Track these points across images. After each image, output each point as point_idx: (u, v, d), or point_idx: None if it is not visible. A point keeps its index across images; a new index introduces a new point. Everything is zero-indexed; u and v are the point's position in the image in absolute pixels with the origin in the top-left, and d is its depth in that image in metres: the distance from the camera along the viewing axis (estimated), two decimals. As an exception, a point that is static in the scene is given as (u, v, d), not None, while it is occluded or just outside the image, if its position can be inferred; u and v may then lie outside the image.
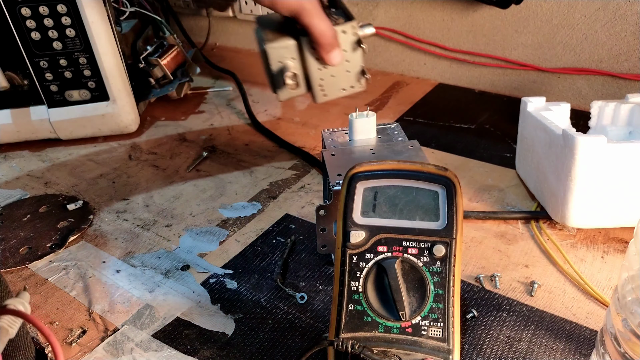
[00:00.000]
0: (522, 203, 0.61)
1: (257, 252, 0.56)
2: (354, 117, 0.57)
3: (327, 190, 0.55)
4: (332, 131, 0.60)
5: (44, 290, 0.53)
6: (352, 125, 0.57)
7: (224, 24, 1.19)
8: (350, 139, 0.57)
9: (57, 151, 0.80)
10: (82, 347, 0.46)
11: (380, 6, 0.94)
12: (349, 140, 0.57)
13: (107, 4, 0.74)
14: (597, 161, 0.50)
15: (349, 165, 0.38)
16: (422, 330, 0.36)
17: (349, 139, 0.57)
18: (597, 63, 0.78)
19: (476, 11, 0.85)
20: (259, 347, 0.45)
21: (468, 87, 0.92)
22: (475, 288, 0.50)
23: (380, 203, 0.36)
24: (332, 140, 0.58)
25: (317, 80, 0.66)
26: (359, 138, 0.56)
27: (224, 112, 0.89)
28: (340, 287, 0.37)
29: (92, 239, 0.60)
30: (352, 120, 0.57)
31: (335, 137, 0.58)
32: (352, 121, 0.57)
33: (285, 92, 0.66)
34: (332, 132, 0.60)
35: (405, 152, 0.55)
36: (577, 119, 0.65)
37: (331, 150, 0.55)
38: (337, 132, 0.60)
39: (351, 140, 0.57)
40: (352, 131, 0.57)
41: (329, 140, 0.57)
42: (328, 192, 0.53)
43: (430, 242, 0.36)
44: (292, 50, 0.64)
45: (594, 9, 0.75)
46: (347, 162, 0.53)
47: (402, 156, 0.55)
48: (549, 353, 0.43)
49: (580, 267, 0.51)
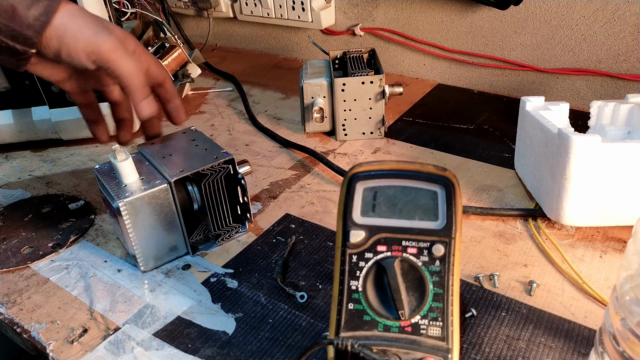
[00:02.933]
0: (520, 203, 0.61)
1: (257, 252, 0.57)
2: (116, 160, 0.51)
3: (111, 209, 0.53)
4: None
5: (45, 289, 0.53)
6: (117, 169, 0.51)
7: (224, 25, 1.19)
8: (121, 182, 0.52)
9: (58, 151, 0.80)
10: (84, 346, 0.47)
11: (379, 7, 0.95)
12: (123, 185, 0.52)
13: (108, 4, 0.75)
14: (591, 160, 0.50)
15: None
16: (422, 329, 0.36)
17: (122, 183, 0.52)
18: (596, 63, 0.79)
19: (475, 12, 0.86)
20: (260, 346, 0.45)
21: (467, 88, 0.92)
22: (474, 287, 0.50)
23: (380, 203, 0.37)
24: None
25: (341, 120, 0.72)
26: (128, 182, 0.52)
27: (224, 112, 0.90)
28: (340, 286, 0.37)
29: (93, 239, 0.60)
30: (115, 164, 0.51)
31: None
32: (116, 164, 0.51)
33: (311, 125, 0.70)
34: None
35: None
36: (576, 119, 0.65)
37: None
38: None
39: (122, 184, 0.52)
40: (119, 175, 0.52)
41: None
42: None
43: (430, 241, 0.36)
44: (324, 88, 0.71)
45: (592, 10, 0.76)
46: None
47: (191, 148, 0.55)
48: (548, 352, 0.43)
49: (578, 266, 0.51)
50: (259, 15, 1.06)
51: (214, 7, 1.11)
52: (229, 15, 1.12)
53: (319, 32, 1.04)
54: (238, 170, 0.55)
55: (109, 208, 0.54)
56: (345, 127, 0.76)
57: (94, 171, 0.55)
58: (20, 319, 0.50)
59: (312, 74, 0.76)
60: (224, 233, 0.57)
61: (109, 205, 0.53)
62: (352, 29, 0.99)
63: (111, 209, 0.53)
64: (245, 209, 0.58)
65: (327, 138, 0.78)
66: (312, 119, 0.75)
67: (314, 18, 0.98)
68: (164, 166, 0.53)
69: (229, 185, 0.56)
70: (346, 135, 0.77)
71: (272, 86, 0.99)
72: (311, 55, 1.10)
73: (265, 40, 1.15)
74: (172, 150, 0.56)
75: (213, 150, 0.56)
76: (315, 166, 0.72)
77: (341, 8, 0.99)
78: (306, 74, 0.76)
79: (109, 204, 0.53)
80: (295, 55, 1.13)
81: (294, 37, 1.10)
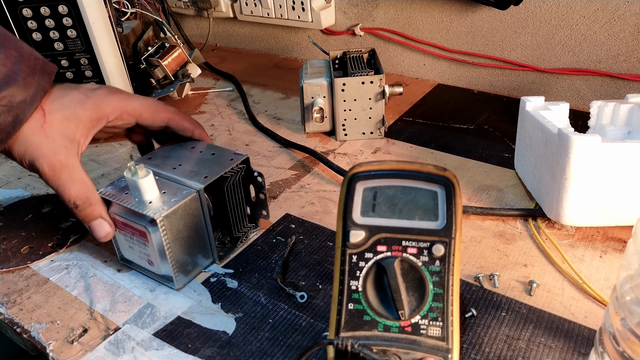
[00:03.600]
0: (520, 203, 0.61)
1: (257, 252, 0.57)
2: (130, 176, 0.48)
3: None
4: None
5: (45, 289, 0.53)
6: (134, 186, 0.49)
7: (224, 25, 1.19)
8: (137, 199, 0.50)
9: (58, 151, 0.80)
10: (84, 346, 0.47)
11: (379, 7, 0.95)
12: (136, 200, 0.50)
13: (109, 4, 0.75)
14: (591, 160, 0.50)
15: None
16: (422, 329, 0.36)
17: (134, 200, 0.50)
18: (596, 63, 0.79)
19: (475, 12, 0.86)
20: (260, 346, 0.45)
21: (467, 88, 0.92)
22: (474, 287, 0.50)
23: (380, 203, 0.37)
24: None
25: (341, 120, 0.72)
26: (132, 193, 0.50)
27: (224, 112, 0.90)
28: (340, 286, 0.37)
29: (93, 239, 0.60)
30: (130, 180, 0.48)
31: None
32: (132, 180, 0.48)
33: (311, 125, 0.71)
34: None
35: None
36: (577, 119, 0.65)
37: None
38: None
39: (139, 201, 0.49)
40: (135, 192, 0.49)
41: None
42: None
43: (430, 241, 0.36)
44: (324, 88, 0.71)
45: (592, 10, 0.76)
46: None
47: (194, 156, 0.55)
48: (548, 352, 0.43)
49: (578, 266, 0.51)
50: (259, 15, 1.06)
51: (214, 7, 1.11)
52: (229, 15, 1.12)
53: (319, 32, 1.04)
54: (252, 168, 0.55)
55: (126, 230, 0.51)
56: (345, 127, 0.76)
57: (100, 195, 0.51)
58: (20, 319, 0.50)
59: (312, 74, 0.76)
60: (242, 235, 0.57)
61: (128, 227, 0.50)
62: (352, 29, 0.99)
63: (133, 231, 0.50)
64: (261, 206, 0.57)
65: (327, 138, 0.78)
66: (312, 119, 0.75)
67: (314, 18, 0.98)
68: (181, 177, 0.52)
69: (245, 185, 0.55)
70: (346, 135, 0.77)
71: (272, 86, 0.99)
72: (311, 55, 1.10)
73: (265, 40, 1.15)
74: (179, 161, 0.54)
75: (223, 153, 0.55)
76: (315, 166, 0.72)
77: (341, 8, 0.99)
78: (306, 74, 0.76)
79: (128, 226, 0.50)
80: (295, 55, 1.13)
81: (294, 37, 1.10)
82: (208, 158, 0.55)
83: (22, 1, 0.71)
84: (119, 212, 0.51)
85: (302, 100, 0.75)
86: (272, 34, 1.13)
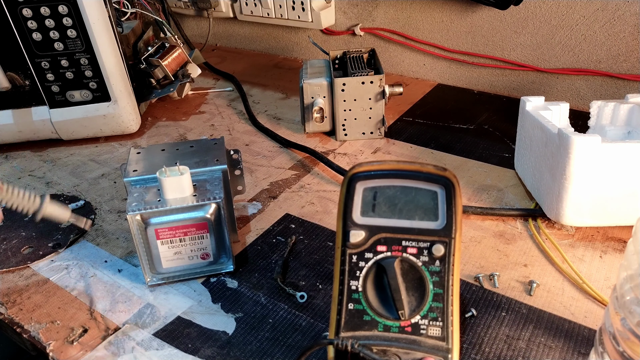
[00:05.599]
0: (520, 203, 0.61)
1: (257, 252, 0.57)
2: (164, 176, 0.49)
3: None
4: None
5: (45, 289, 0.53)
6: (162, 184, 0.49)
7: (224, 25, 1.19)
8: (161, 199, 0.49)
9: (58, 151, 0.80)
10: (84, 346, 0.47)
11: (379, 7, 0.95)
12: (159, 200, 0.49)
13: (109, 4, 0.75)
14: (591, 160, 0.50)
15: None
16: (422, 329, 0.36)
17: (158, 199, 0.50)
18: (596, 63, 0.79)
19: (475, 12, 0.86)
20: (260, 346, 0.45)
21: (467, 88, 0.92)
22: (474, 287, 0.50)
23: (380, 203, 0.37)
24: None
25: (341, 120, 0.72)
26: (171, 197, 0.49)
27: (224, 112, 0.90)
28: (340, 286, 0.37)
29: (93, 239, 0.60)
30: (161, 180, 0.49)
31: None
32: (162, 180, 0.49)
33: (311, 125, 0.70)
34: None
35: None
36: (577, 119, 0.65)
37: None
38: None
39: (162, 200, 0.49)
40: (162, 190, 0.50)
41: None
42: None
43: (430, 241, 0.36)
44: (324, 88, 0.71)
45: (592, 10, 0.76)
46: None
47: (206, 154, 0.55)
48: (548, 352, 0.43)
49: (578, 266, 0.51)
50: (259, 15, 1.06)
51: (214, 7, 1.11)
52: (229, 15, 1.12)
53: (319, 32, 1.04)
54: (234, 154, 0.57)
55: (175, 235, 0.49)
56: (345, 127, 0.76)
57: (140, 214, 0.48)
58: (20, 319, 0.50)
59: (312, 74, 0.76)
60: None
61: (179, 229, 0.49)
62: (352, 29, 0.99)
63: (186, 230, 0.49)
64: (237, 182, 0.61)
65: (327, 138, 0.78)
66: (312, 119, 0.75)
67: (314, 18, 0.98)
68: (195, 168, 0.52)
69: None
70: (346, 135, 0.77)
71: (272, 86, 0.99)
72: (311, 55, 1.10)
73: (265, 40, 1.15)
74: (172, 161, 0.53)
75: (200, 142, 0.57)
76: (315, 166, 0.72)
77: (341, 8, 0.99)
78: (306, 74, 0.76)
79: (179, 228, 0.49)
80: (295, 55, 1.13)
81: (294, 37, 1.10)
82: (196, 150, 0.56)
83: (22, 1, 0.71)
84: (164, 220, 0.49)
85: (302, 100, 0.75)
86: (272, 34, 1.13)
